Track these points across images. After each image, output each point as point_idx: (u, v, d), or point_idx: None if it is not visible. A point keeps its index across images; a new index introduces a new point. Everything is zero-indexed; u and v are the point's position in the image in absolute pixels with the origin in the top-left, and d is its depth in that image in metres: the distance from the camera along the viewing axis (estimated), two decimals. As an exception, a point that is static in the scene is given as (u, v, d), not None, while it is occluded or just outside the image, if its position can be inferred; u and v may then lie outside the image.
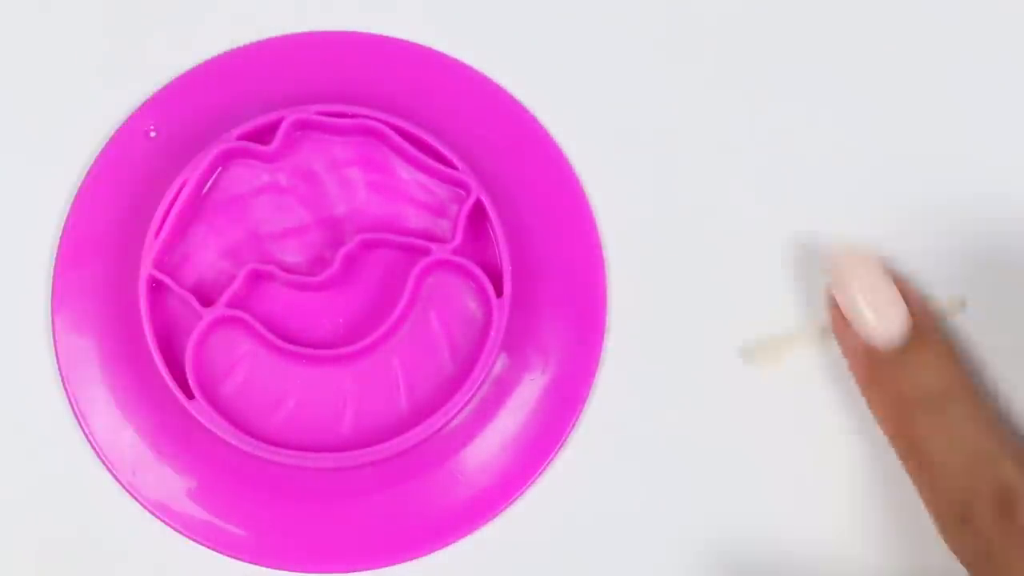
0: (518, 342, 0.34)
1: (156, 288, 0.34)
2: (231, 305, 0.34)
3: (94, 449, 0.34)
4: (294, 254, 0.35)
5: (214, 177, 0.35)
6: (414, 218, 0.35)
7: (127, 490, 0.34)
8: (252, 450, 0.33)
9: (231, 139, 0.34)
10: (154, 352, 0.33)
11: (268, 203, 0.35)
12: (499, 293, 0.33)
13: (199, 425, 0.33)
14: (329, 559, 0.34)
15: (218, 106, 0.35)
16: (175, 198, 0.34)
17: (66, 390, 0.34)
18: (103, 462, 0.34)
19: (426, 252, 0.34)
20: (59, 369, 0.34)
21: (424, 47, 0.36)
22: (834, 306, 0.32)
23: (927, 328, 0.32)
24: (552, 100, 0.36)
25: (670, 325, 0.35)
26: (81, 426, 0.34)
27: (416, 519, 0.34)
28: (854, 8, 0.36)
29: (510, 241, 0.34)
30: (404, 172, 0.35)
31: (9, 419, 0.34)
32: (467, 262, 0.34)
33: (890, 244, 0.34)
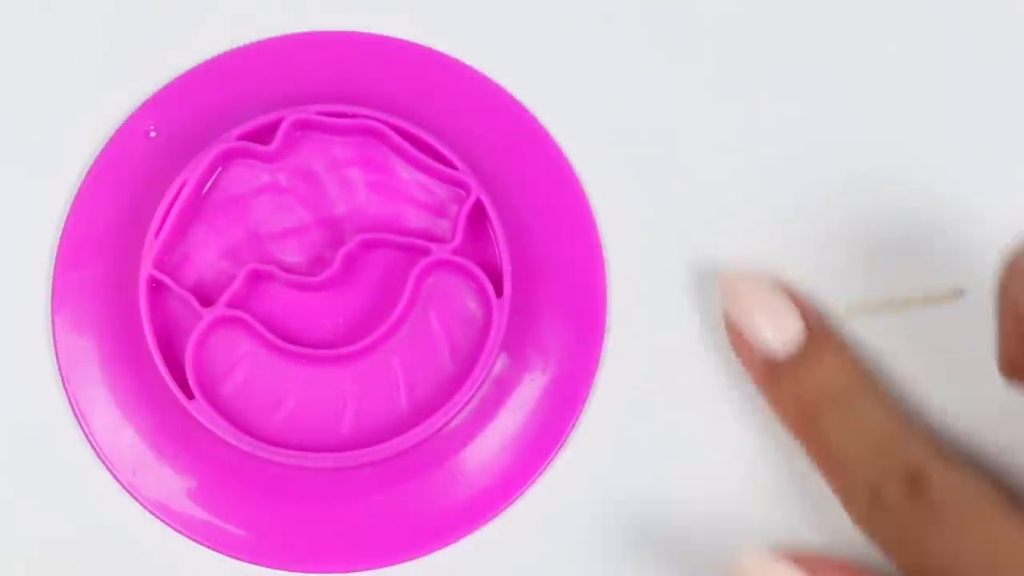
0: (518, 342, 0.34)
1: (156, 288, 0.34)
2: (231, 305, 0.34)
3: (94, 449, 0.34)
4: (294, 254, 0.35)
5: (214, 177, 0.35)
6: (414, 218, 0.35)
7: (127, 490, 0.34)
8: (252, 450, 0.33)
9: (231, 139, 0.34)
10: (154, 352, 0.33)
11: (268, 203, 0.35)
12: (499, 293, 0.33)
13: (199, 425, 0.33)
14: (329, 559, 0.34)
15: (218, 106, 0.35)
16: (175, 198, 0.34)
17: (66, 390, 0.34)
18: (103, 462, 0.34)
19: (426, 252, 0.34)
20: (59, 369, 0.34)
21: (424, 47, 0.36)
22: (730, 322, 0.33)
23: (822, 332, 0.32)
24: (552, 100, 0.36)
25: (670, 325, 0.35)
26: (81, 426, 0.34)
27: (416, 519, 0.34)
28: (854, 8, 0.36)
29: (510, 241, 0.34)
30: (404, 172, 0.35)
31: (9, 419, 0.34)
32: (467, 262, 0.34)
33: (895, 247, 0.34)
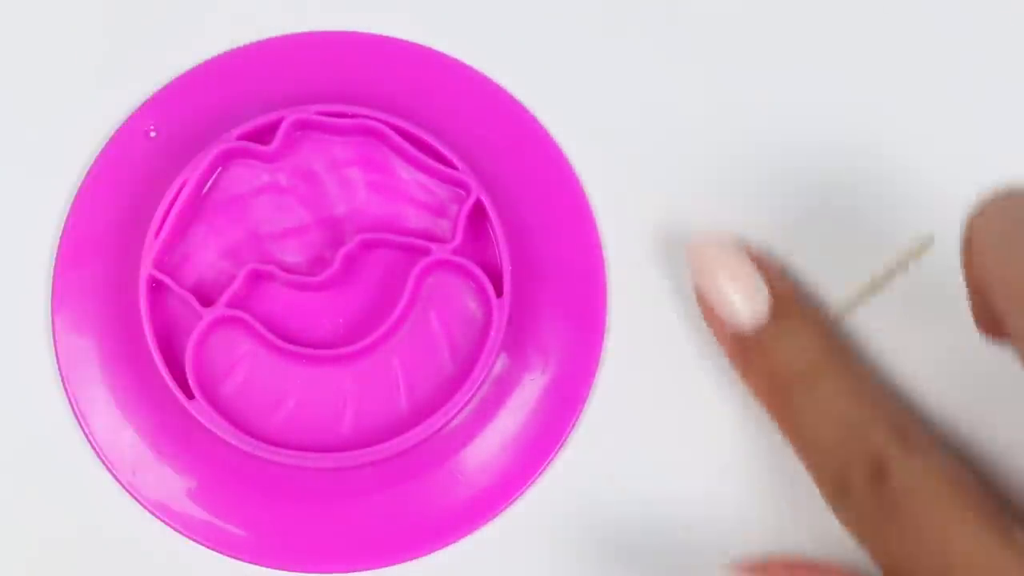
0: (518, 342, 0.34)
1: (156, 288, 0.34)
2: (231, 305, 0.34)
3: (94, 449, 0.34)
4: (294, 254, 0.35)
5: (214, 177, 0.35)
6: (414, 218, 0.35)
7: (127, 490, 0.34)
8: (252, 450, 0.33)
9: (231, 139, 0.34)
10: (154, 352, 0.33)
11: (268, 203, 0.35)
12: (499, 293, 0.33)
13: (199, 425, 0.33)
14: (329, 559, 0.34)
15: (218, 106, 0.35)
16: (175, 198, 0.34)
17: (66, 390, 0.34)
18: (103, 462, 0.34)
19: (426, 252, 0.34)
20: (59, 369, 0.34)
21: (424, 47, 0.36)
22: (699, 294, 0.32)
23: (789, 303, 0.32)
24: (552, 100, 0.36)
25: (670, 325, 0.35)
26: (81, 426, 0.34)
27: (416, 519, 0.34)
28: (854, 8, 0.36)
29: (510, 241, 0.34)
30: (404, 172, 0.35)
31: (9, 419, 0.34)
32: (467, 262, 0.34)
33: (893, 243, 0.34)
